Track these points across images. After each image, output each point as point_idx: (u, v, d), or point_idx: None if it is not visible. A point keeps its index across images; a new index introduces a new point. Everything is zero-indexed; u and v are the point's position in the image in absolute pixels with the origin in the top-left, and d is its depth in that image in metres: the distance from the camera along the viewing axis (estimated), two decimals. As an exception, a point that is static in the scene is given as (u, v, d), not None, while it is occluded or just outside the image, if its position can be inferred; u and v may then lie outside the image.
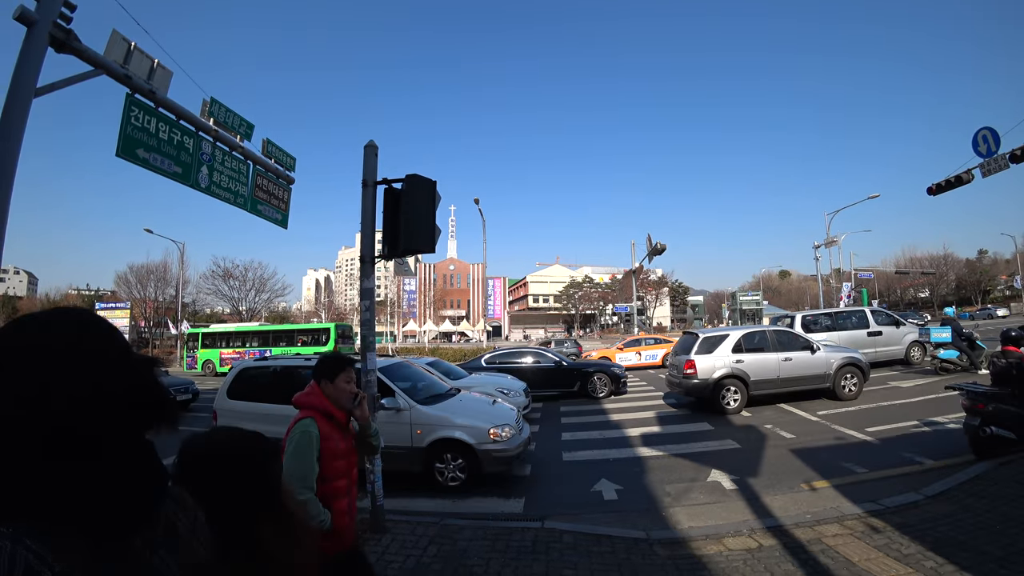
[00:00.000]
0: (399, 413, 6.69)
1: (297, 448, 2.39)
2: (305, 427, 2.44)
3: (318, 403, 2.53)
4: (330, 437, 2.47)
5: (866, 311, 16.24)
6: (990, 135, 11.56)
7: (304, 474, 2.35)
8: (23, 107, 7.00)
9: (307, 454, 2.38)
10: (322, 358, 2.68)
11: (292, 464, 2.36)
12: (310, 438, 2.41)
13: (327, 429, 2.47)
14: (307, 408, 2.53)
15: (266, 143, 10.96)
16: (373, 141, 5.25)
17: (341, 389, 2.55)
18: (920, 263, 68.57)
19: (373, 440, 2.74)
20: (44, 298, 78.69)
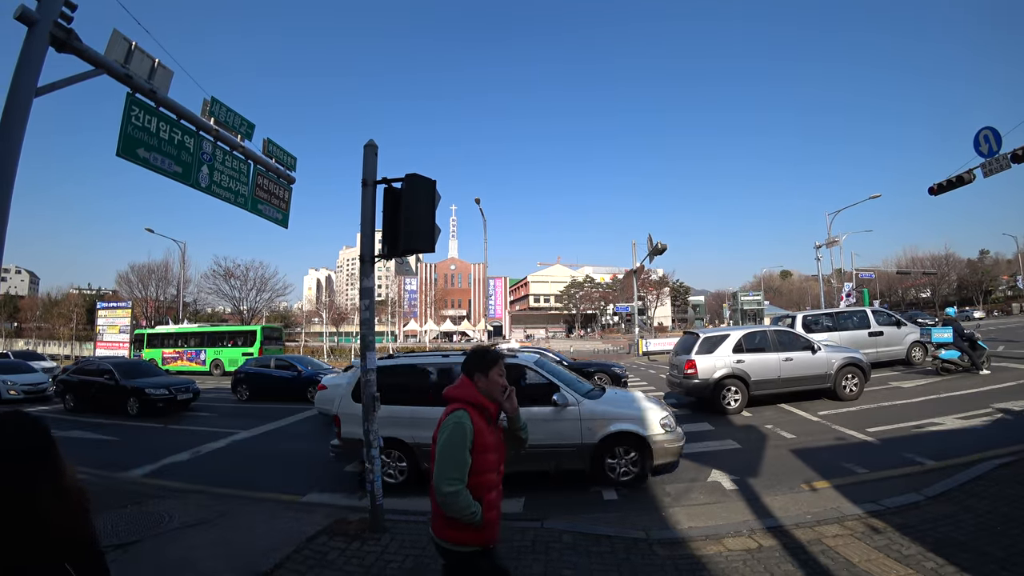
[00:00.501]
0: (565, 409, 6.52)
1: (450, 440, 2.40)
2: (458, 419, 2.44)
3: (471, 396, 2.54)
4: (482, 430, 2.48)
5: (867, 311, 16.21)
6: (991, 135, 11.55)
7: (456, 465, 2.37)
8: (24, 106, 7.00)
9: (460, 446, 2.39)
10: (474, 352, 2.69)
11: (445, 455, 2.39)
12: (464, 430, 2.41)
13: (479, 422, 2.48)
14: (459, 401, 2.54)
15: (267, 143, 10.96)
16: (373, 140, 5.24)
17: (494, 382, 2.56)
18: (922, 263, 68.44)
19: (522, 433, 2.74)
20: (46, 297, 78.83)
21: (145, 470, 8.00)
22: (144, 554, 4.50)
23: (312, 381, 15.16)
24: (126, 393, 13.82)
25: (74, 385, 15.18)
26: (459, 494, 2.33)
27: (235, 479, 7.44)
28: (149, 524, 5.19)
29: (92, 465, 8.17)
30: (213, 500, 6.12)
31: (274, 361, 17.65)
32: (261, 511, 5.64)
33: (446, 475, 2.35)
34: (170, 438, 10.78)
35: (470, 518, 2.35)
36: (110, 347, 42.70)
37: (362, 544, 4.58)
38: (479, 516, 2.38)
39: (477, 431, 2.44)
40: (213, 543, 4.71)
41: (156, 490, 6.68)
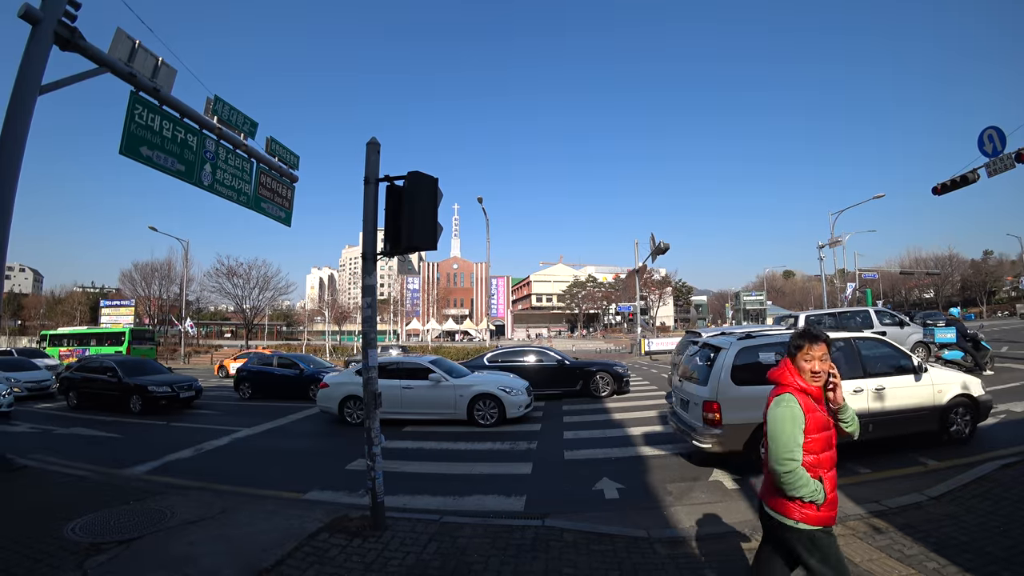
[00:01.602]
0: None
1: (779, 420, 2.49)
2: (783, 401, 2.53)
3: (789, 378, 2.61)
4: (812, 410, 2.53)
5: (870, 311, 16.17)
6: (996, 134, 11.51)
7: (786, 444, 2.44)
8: (28, 104, 7.04)
9: (787, 426, 2.46)
10: (795, 333, 2.73)
11: (774, 436, 2.49)
12: (788, 412, 2.49)
13: (807, 403, 2.54)
14: (782, 384, 2.62)
15: (270, 141, 11.00)
16: (375, 138, 5.24)
17: (800, 367, 2.61)
18: (925, 263, 68.27)
19: (846, 425, 2.76)
20: (49, 295, 79.18)
21: (147, 467, 8.03)
22: (145, 550, 4.51)
23: (314, 379, 15.19)
24: (129, 390, 13.86)
25: (77, 382, 15.24)
26: (795, 473, 2.42)
27: (237, 476, 7.46)
28: (151, 520, 5.21)
29: (94, 462, 8.20)
30: (215, 497, 6.13)
31: (276, 359, 17.69)
32: (262, 508, 5.65)
33: (779, 455, 2.45)
34: (172, 435, 10.81)
35: (812, 495, 2.43)
36: (113, 345, 42.83)
37: (363, 541, 4.59)
38: (821, 495, 2.45)
39: (807, 410, 2.51)
40: (214, 539, 4.72)
41: (158, 487, 6.69)
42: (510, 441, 9.07)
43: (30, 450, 8.80)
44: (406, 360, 12.17)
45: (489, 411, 10.45)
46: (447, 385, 10.81)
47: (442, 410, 10.71)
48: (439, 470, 7.52)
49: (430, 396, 10.79)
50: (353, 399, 11.17)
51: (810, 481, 2.43)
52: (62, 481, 6.88)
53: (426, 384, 10.90)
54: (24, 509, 5.67)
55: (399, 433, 9.88)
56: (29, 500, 6.02)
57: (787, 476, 2.42)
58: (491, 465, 7.69)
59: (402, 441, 9.26)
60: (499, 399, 10.45)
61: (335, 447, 9.40)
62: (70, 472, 7.35)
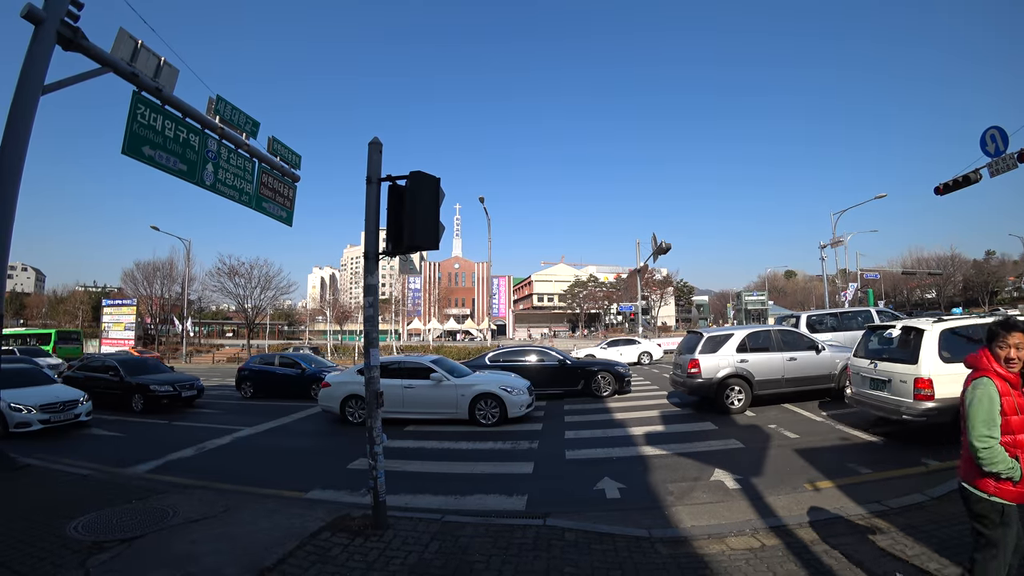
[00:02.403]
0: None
1: (976, 401, 2.71)
2: (980, 384, 2.75)
3: (986, 363, 2.81)
4: (1008, 393, 2.72)
5: (872, 311, 16.13)
6: (999, 134, 11.48)
7: (985, 423, 2.65)
8: (30, 104, 7.05)
9: (984, 407, 2.67)
10: (993, 322, 2.93)
11: (971, 416, 2.71)
12: (986, 393, 2.70)
13: (1003, 387, 2.72)
14: (979, 368, 2.83)
15: (272, 141, 11.01)
16: (377, 138, 5.25)
17: (997, 353, 2.80)
18: (927, 264, 68.16)
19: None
20: (52, 294, 79.36)
21: (149, 466, 8.04)
22: (148, 548, 4.52)
23: (316, 379, 15.21)
24: (131, 389, 13.90)
25: (79, 381, 15.23)
26: (992, 450, 2.62)
27: (239, 475, 7.47)
28: (153, 519, 5.22)
29: (97, 461, 8.21)
30: (217, 496, 6.15)
31: (278, 359, 17.71)
32: (264, 507, 5.66)
33: (977, 434, 2.66)
34: (174, 434, 10.83)
35: (1009, 472, 2.63)
36: (115, 344, 42.99)
37: (365, 540, 4.59)
38: (1018, 472, 2.63)
39: (1003, 394, 2.70)
40: (216, 538, 4.73)
41: (160, 485, 6.71)
42: (511, 440, 9.07)
43: (32, 449, 8.83)
44: (408, 359, 12.17)
45: (491, 411, 10.46)
46: (449, 384, 10.82)
47: (444, 409, 10.72)
48: (441, 469, 7.52)
49: (432, 395, 10.80)
50: (355, 398, 11.18)
51: (1007, 459, 2.63)
52: (64, 479, 6.90)
53: (428, 383, 10.90)
54: (27, 507, 5.69)
55: (401, 432, 9.88)
56: (32, 498, 6.04)
57: (985, 452, 2.62)
58: (493, 464, 7.69)
59: (404, 440, 9.27)
60: (501, 399, 10.45)
61: (337, 446, 9.41)
62: (72, 471, 7.37)
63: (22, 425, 10.16)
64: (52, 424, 10.55)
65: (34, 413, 10.34)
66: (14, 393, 10.53)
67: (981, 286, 72.74)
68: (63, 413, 10.82)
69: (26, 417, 10.24)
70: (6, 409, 10.08)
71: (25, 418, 10.23)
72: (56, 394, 11.18)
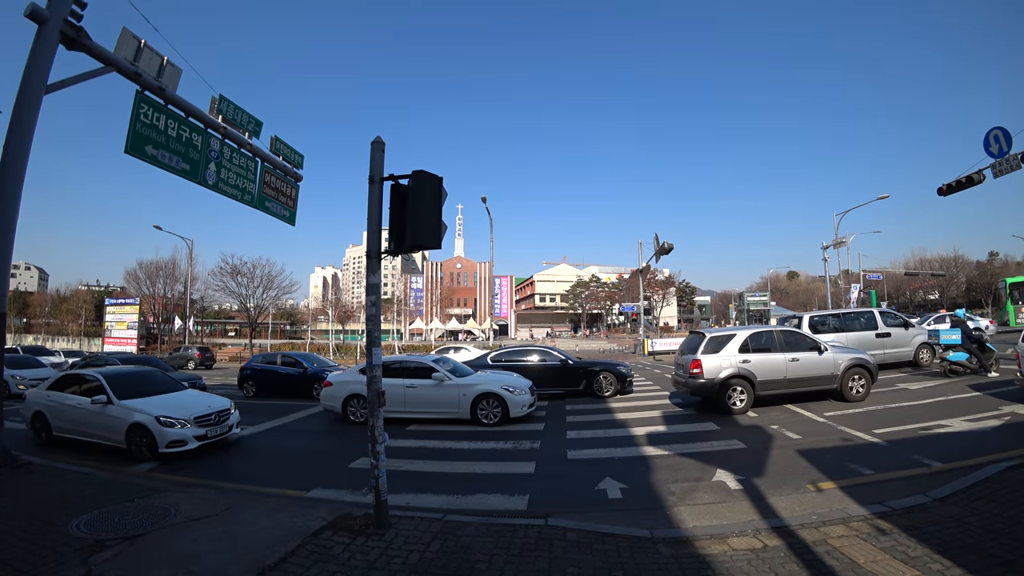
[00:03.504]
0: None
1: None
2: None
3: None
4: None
5: (874, 312, 16.09)
6: (1002, 135, 11.44)
7: None
8: (34, 103, 7.07)
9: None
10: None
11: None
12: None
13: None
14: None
15: (274, 140, 11.03)
16: (380, 137, 5.25)
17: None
18: (930, 264, 67.92)
19: None
20: (55, 293, 79.51)
21: (151, 464, 8.05)
22: (149, 547, 4.53)
23: (318, 378, 15.21)
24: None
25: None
26: None
27: (240, 474, 7.49)
28: (155, 517, 5.23)
29: (98, 459, 8.22)
30: (218, 494, 6.16)
31: (280, 358, 17.73)
32: (266, 506, 5.67)
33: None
34: (177, 433, 10.83)
35: None
36: (118, 343, 43.07)
37: (366, 540, 4.60)
38: None
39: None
40: (218, 537, 4.73)
41: (162, 484, 6.72)
42: (513, 440, 9.07)
43: (34, 447, 8.86)
44: (410, 359, 12.18)
45: (492, 410, 10.45)
46: (451, 384, 10.82)
47: (446, 409, 10.72)
48: (442, 469, 7.52)
49: (434, 395, 10.81)
50: (357, 398, 11.19)
51: None
52: (66, 478, 6.91)
53: (430, 383, 10.91)
54: (29, 505, 5.70)
55: (403, 432, 9.89)
56: (34, 497, 6.05)
57: None
58: (494, 464, 7.69)
59: (405, 440, 9.27)
60: (502, 398, 10.45)
61: (339, 445, 9.42)
62: (74, 469, 7.38)
63: (176, 444, 8.14)
64: (208, 440, 8.62)
65: (189, 428, 8.31)
66: (151, 403, 8.68)
67: (984, 287, 72.39)
68: (218, 426, 8.88)
69: (180, 434, 8.20)
70: (153, 424, 8.10)
71: (180, 435, 8.19)
72: (206, 403, 9.28)
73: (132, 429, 8.19)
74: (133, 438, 8.20)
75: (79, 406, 8.80)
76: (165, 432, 8.11)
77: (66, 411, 9.00)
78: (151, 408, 8.42)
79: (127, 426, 8.21)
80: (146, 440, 8.11)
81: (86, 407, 8.66)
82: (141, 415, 8.22)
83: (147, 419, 8.16)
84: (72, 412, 8.91)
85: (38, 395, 9.63)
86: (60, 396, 9.22)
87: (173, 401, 8.99)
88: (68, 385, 9.44)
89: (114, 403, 8.51)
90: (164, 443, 8.06)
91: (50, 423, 9.16)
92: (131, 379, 9.43)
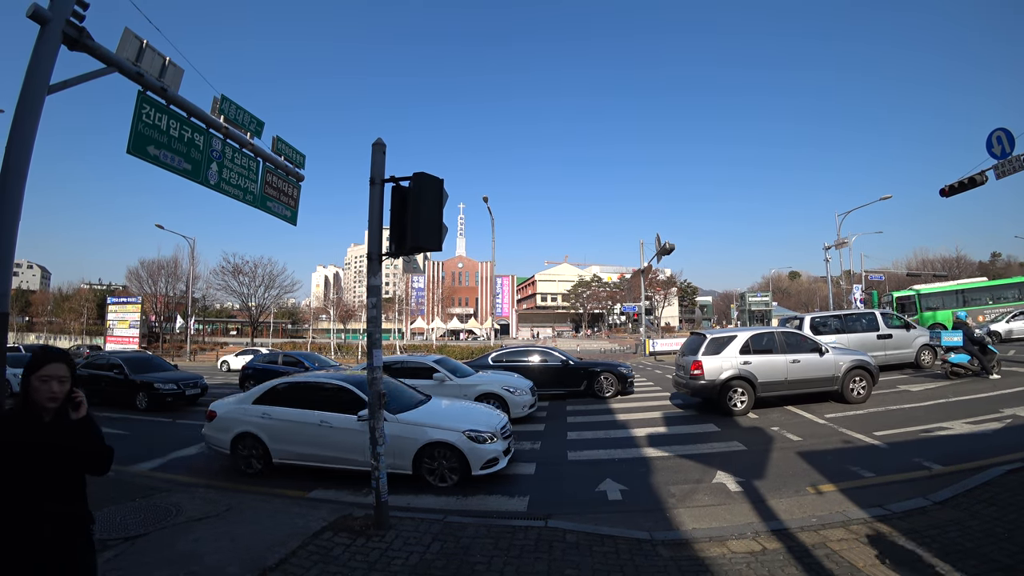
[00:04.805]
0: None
1: None
2: None
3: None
4: None
5: (876, 313, 16.06)
6: (1005, 136, 11.41)
7: None
8: (36, 104, 7.07)
9: None
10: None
11: None
12: None
13: None
14: None
15: (276, 140, 11.01)
16: (381, 139, 5.26)
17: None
18: (932, 265, 67.71)
19: None
20: (57, 292, 79.69)
21: (153, 464, 8.08)
22: (151, 547, 4.54)
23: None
24: (135, 387, 13.97)
25: (84, 379, 15.30)
26: None
27: (242, 474, 7.50)
28: (156, 517, 5.25)
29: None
30: (220, 494, 6.18)
31: (282, 358, 17.78)
32: (267, 506, 5.69)
33: None
34: (178, 432, 10.88)
35: None
36: (120, 341, 43.22)
37: (367, 540, 4.61)
38: None
39: None
40: (219, 537, 4.75)
41: (164, 484, 6.75)
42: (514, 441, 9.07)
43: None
44: (411, 359, 12.18)
45: (493, 411, 10.40)
46: (451, 384, 10.82)
47: (446, 409, 10.65)
48: (442, 470, 7.52)
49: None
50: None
51: None
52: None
53: (430, 384, 10.91)
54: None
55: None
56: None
57: None
58: (494, 465, 7.69)
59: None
60: (503, 399, 10.45)
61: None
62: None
63: (490, 464, 6.70)
64: (511, 455, 7.30)
65: (498, 443, 6.87)
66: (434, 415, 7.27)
67: (986, 288, 72.25)
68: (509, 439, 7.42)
69: (494, 451, 6.75)
70: (462, 442, 6.63)
71: (493, 452, 6.74)
72: (496, 415, 7.84)
73: (426, 449, 6.71)
74: (424, 461, 6.71)
75: (336, 425, 7.04)
76: (479, 450, 6.64)
77: (300, 431, 7.22)
78: (446, 420, 7.02)
79: (419, 447, 6.69)
80: (449, 463, 6.65)
81: (348, 426, 6.92)
82: (442, 431, 6.73)
83: (453, 436, 6.66)
84: (315, 433, 7.13)
85: (242, 411, 7.70)
86: (284, 412, 7.38)
87: (445, 412, 7.51)
88: (293, 397, 7.61)
89: (392, 419, 6.79)
90: (479, 464, 6.60)
91: (269, 448, 7.32)
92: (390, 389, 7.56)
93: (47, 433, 2.17)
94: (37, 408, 2.18)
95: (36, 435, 2.15)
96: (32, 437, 2.14)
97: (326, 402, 7.39)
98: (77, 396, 2.28)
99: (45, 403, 2.17)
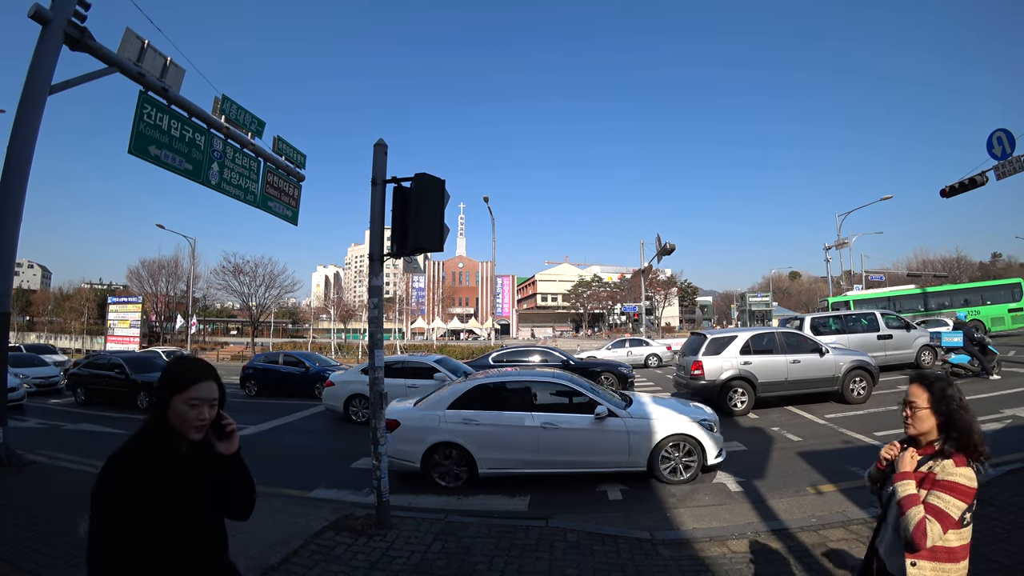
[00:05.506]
0: None
1: None
2: None
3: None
4: None
5: (876, 314, 16.06)
6: (1005, 137, 11.43)
7: None
8: (38, 104, 7.10)
9: None
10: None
11: None
12: None
13: None
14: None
15: (277, 140, 11.05)
16: (383, 139, 5.27)
17: None
18: (932, 266, 67.69)
19: None
20: (57, 291, 79.71)
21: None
22: (153, 546, 4.55)
23: (320, 377, 15.24)
24: (136, 387, 13.99)
25: (85, 379, 15.38)
26: None
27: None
28: (158, 517, 5.25)
29: (102, 458, 8.25)
30: (221, 494, 6.18)
31: (283, 357, 17.77)
32: (268, 506, 5.69)
33: None
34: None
35: None
36: (121, 341, 43.22)
37: (368, 540, 4.62)
38: None
39: None
40: (221, 537, 4.76)
41: (165, 483, 6.74)
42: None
43: (38, 446, 8.90)
44: (412, 359, 12.19)
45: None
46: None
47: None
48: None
49: (435, 395, 10.79)
50: (359, 397, 11.20)
51: None
52: (69, 477, 6.95)
53: (431, 383, 10.92)
54: (32, 504, 5.73)
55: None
56: (39, 496, 6.08)
57: None
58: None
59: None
60: None
61: (341, 445, 9.43)
62: (78, 468, 7.43)
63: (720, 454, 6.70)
64: None
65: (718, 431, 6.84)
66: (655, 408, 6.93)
67: (987, 288, 72.21)
68: None
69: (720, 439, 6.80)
70: (700, 433, 6.55)
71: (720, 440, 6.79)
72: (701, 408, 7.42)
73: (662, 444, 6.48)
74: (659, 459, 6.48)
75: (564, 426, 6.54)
76: (715, 437, 6.65)
77: (517, 437, 6.56)
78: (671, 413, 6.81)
79: (657, 441, 6.47)
80: (687, 457, 6.51)
81: (581, 427, 6.51)
82: (682, 423, 6.58)
83: (691, 427, 6.55)
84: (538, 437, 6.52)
85: (436, 418, 6.75)
86: (494, 417, 6.65)
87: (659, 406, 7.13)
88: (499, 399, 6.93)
89: (625, 415, 6.58)
90: (714, 454, 6.56)
91: (476, 458, 6.53)
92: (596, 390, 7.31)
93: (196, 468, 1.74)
94: (175, 436, 1.71)
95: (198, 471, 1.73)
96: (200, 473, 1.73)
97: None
98: (229, 424, 1.79)
99: (190, 433, 1.69)
